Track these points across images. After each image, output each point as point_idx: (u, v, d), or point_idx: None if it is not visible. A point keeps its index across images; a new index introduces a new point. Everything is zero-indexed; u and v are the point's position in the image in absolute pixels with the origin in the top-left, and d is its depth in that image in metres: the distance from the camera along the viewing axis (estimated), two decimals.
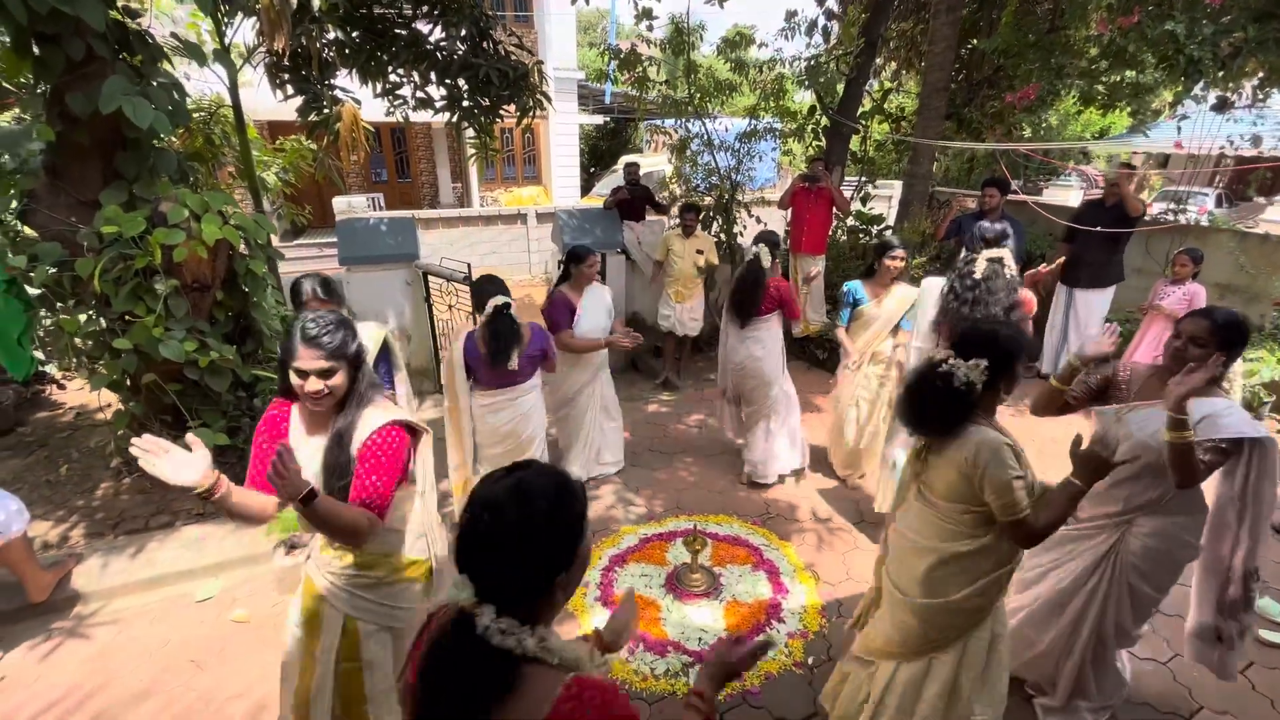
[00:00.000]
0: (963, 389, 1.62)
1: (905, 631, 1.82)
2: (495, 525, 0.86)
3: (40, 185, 2.94)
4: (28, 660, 2.50)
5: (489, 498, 0.89)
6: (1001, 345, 1.64)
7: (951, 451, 1.66)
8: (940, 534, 1.74)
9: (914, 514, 1.82)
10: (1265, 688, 2.41)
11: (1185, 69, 4.04)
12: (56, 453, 3.91)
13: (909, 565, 1.81)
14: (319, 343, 1.48)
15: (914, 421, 1.76)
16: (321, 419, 1.62)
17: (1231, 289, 4.88)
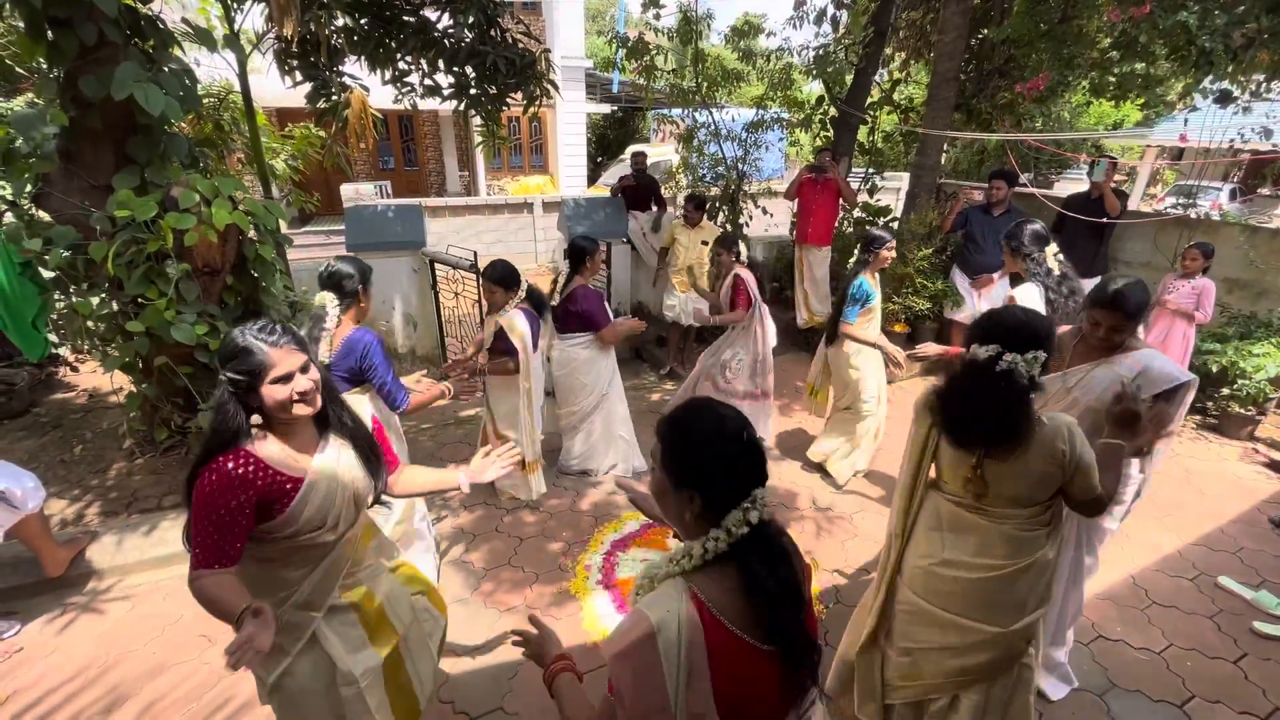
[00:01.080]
0: (1026, 385, 1.46)
1: (994, 660, 1.67)
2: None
3: (54, 169, 2.98)
4: (45, 633, 2.58)
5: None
6: (1045, 330, 1.50)
7: (1032, 451, 1.52)
8: (1022, 547, 1.60)
9: (978, 541, 1.64)
10: (1257, 678, 2.44)
11: (1197, 60, 3.99)
12: (70, 433, 3.98)
13: (988, 597, 1.62)
14: (286, 339, 1.38)
15: (975, 433, 1.54)
16: (304, 436, 1.47)
17: (1240, 284, 4.85)
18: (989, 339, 1.51)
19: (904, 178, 7.90)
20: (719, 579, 0.97)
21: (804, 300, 5.69)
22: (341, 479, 1.48)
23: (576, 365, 3.55)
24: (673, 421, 1.03)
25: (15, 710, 2.24)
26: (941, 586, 1.68)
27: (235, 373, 1.33)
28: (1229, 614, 2.76)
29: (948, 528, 1.68)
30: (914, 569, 1.75)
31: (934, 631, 1.71)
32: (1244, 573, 3.02)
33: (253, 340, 1.34)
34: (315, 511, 1.42)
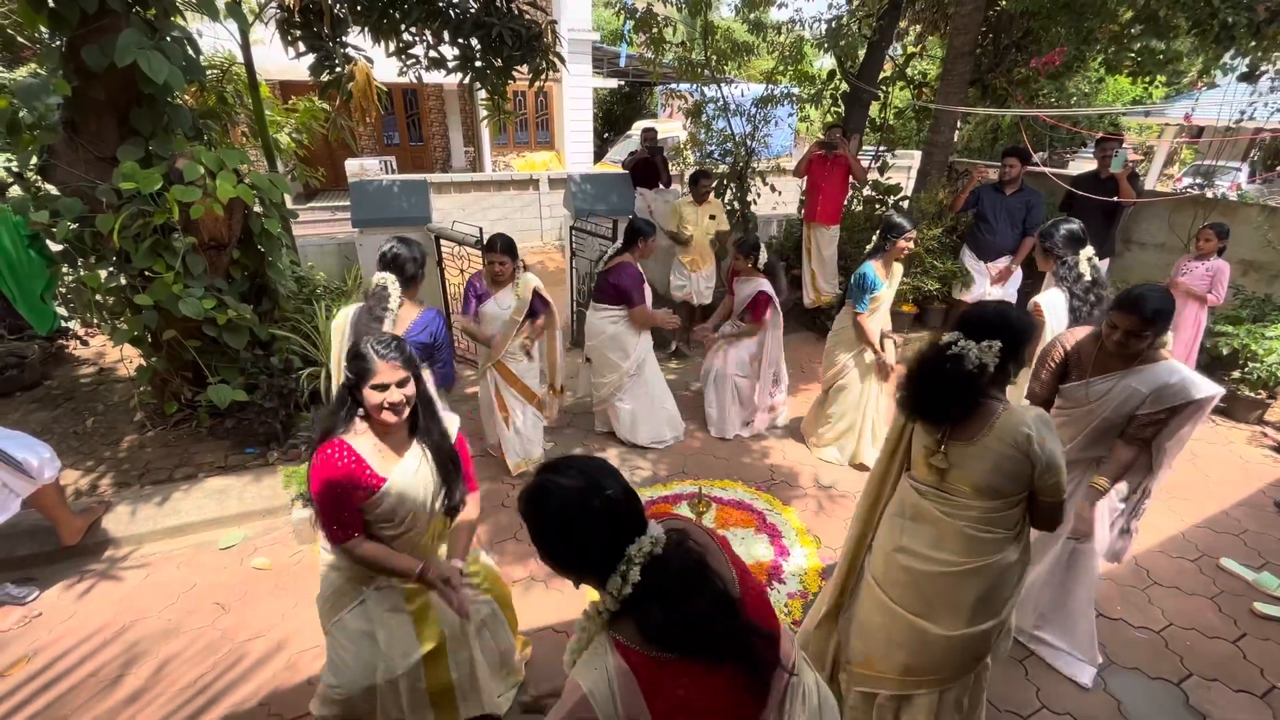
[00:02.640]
0: (975, 371, 1.53)
1: (938, 664, 1.67)
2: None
3: (59, 141, 2.97)
4: (64, 599, 2.64)
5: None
6: (1013, 326, 1.57)
7: (992, 437, 1.54)
8: (978, 547, 1.60)
9: (934, 534, 1.64)
10: (1255, 657, 2.46)
11: (1218, 35, 3.88)
12: (82, 406, 4.03)
13: (946, 596, 1.62)
14: (395, 355, 1.56)
15: (921, 409, 1.63)
16: (397, 438, 1.66)
17: (1256, 265, 4.78)
18: (958, 327, 1.62)
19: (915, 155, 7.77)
20: (633, 624, 0.97)
21: (811, 280, 5.64)
22: (415, 488, 1.65)
23: (604, 338, 3.61)
24: (525, 503, 1.02)
25: (37, 667, 2.31)
26: (895, 576, 1.73)
27: (349, 371, 1.57)
28: (1229, 595, 2.78)
29: (909, 515, 1.73)
30: (876, 552, 1.82)
31: (886, 620, 1.74)
32: (1247, 555, 3.03)
33: (368, 348, 1.56)
34: (385, 511, 1.62)
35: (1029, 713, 2.21)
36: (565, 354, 3.56)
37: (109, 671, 2.31)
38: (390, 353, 1.56)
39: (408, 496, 1.63)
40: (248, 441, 3.53)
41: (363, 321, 2.32)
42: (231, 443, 3.56)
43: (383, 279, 2.37)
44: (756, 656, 1.00)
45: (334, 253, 5.12)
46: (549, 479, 1.01)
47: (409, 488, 1.63)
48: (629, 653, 0.96)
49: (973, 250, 5.09)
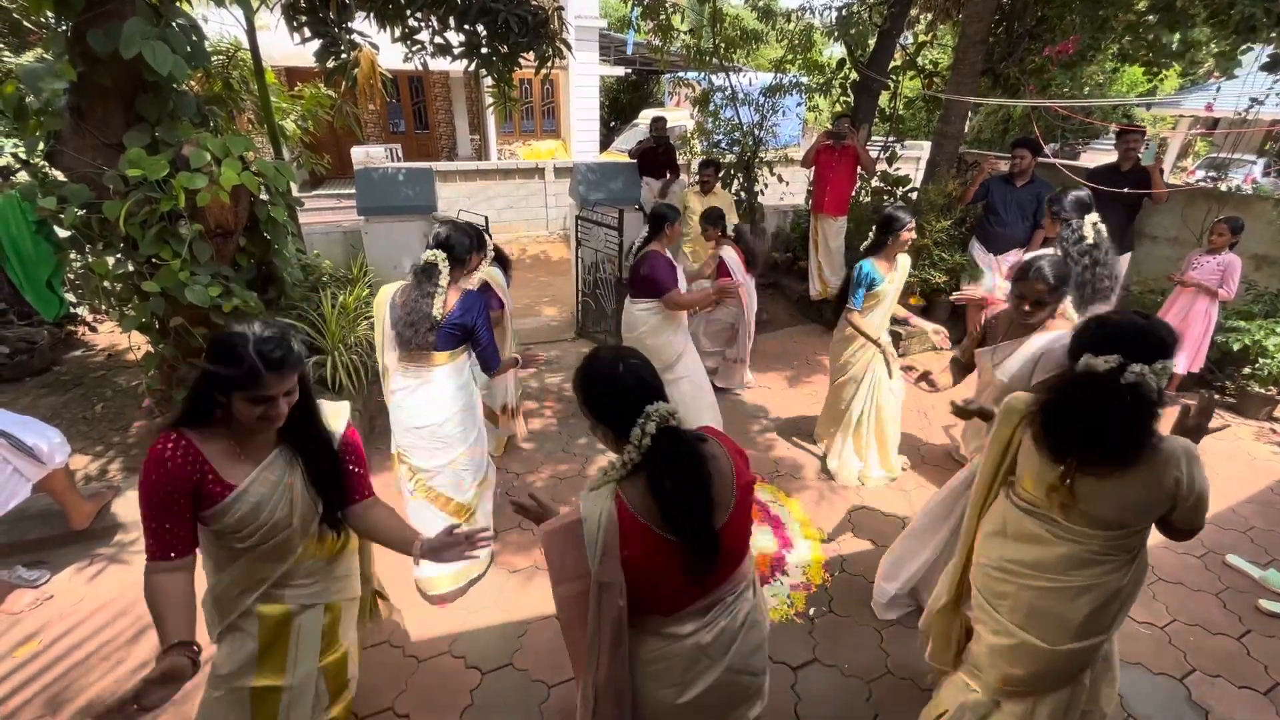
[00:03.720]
0: (1154, 399, 1.30)
1: (1038, 675, 1.59)
2: None
3: (65, 127, 2.96)
4: (75, 581, 2.68)
5: None
6: (1170, 336, 1.36)
7: (1135, 473, 1.37)
8: (1087, 568, 1.48)
9: (1041, 553, 1.53)
10: (1259, 653, 2.46)
11: (1237, 25, 3.80)
12: (91, 391, 4.06)
13: (1053, 612, 1.52)
14: (288, 362, 1.32)
15: (1089, 445, 1.38)
16: (259, 440, 1.43)
17: (1269, 260, 4.72)
18: (1105, 347, 1.34)
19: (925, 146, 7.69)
20: (640, 485, 1.22)
21: (818, 271, 5.61)
22: (276, 500, 1.43)
23: (644, 330, 3.51)
24: (577, 373, 1.32)
25: (48, 646, 2.34)
26: (997, 587, 1.62)
27: (221, 375, 1.28)
28: (1235, 592, 2.77)
29: (1011, 534, 1.59)
30: (976, 565, 1.71)
31: (990, 626, 1.65)
32: (1254, 552, 3.01)
33: (254, 357, 1.27)
34: (234, 523, 1.39)
35: None
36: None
37: (119, 651, 2.35)
38: (285, 360, 1.31)
39: (264, 508, 1.41)
40: None
41: (409, 298, 2.33)
42: None
43: (434, 255, 2.34)
44: (706, 558, 1.24)
45: (340, 241, 5.12)
46: (593, 357, 1.32)
47: (266, 499, 1.41)
48: (623, 507, 1.21)
49: (982, 243, 5.04)
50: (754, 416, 4.10)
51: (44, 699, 2.16)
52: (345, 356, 3.71)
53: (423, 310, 2.29)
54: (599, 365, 1.29)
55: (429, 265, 2.34)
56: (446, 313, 2.34)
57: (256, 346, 1.28)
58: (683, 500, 1.20)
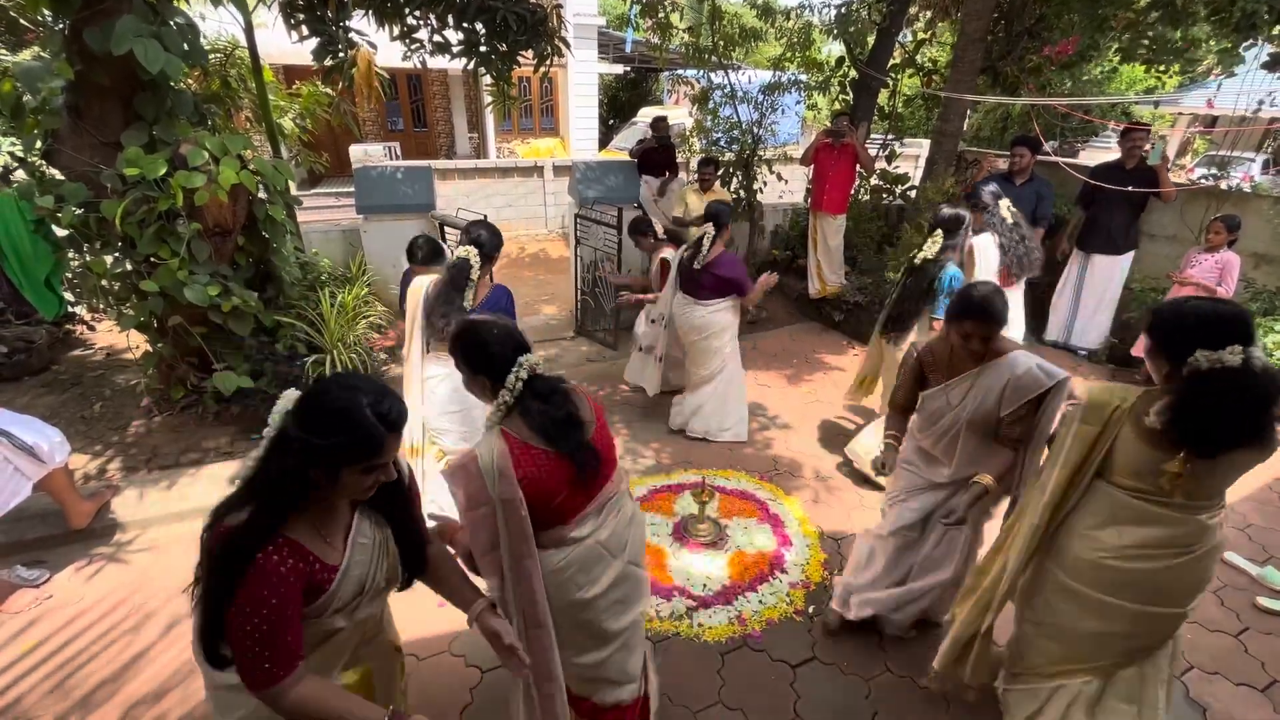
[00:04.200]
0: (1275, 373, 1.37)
1: (1167, 636, 1.70)
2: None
3: (63, 125, 2.96)
4: (74, 581, 2.68)
5: None
6: (1245, 315, 1.44)
7: (1254, 451, 1.42)
8: (1206, 535, 1.56)
9: (1158, 530, 1.57)
10: (1257, 651, 2.46)
11: (1238, 22, 3.80)
12: (89, 391, 4.06)
13: (1170, 582, 1.60)
14: (404, 417, 1.19)
15: (1238, 435, 1.40)
16: (339, 511, 1.27)
17: (1267, 259, 4.72)
18: (1217, 340, 1.38)
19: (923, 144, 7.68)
20: (520, 420, 1.46)
21: (817, 270, 5.61)
22: (374, 563, 1.30)
23: (714, 330, 3.54)
24: (457, 338, 1.52)
25: (48, 646, 2.34)
26: (1118, 578, 1.63)
27: (335, 448, 1.09)
28: (1232, 589, 2.78)
29: (1128, 520, 1.60)
30: (1079, 560, 1.68)
31: (1097, 618, 1.68)
32: (1251, 549, 3.02)
33: (374, 421, 1.10)
34: (340, 602, 1.24)
35: None
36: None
37: (118, 650, 2.35)
38: (400, 419, 1.17)
39: (366, 578, 1.28)
40: (253, 427, 3.55)
41: (441, 291, 2.51)
42: (237, 428, 3.58)
43: (466, 252, 2.50)
44: (590, 466, 1.49)
45: (339, 239, 5.12)
46: (473, 325, 1.52)
47: (365, 567, 1.27)
48: (509, 437, 1.44)
49: None
50: (753, 414, 4.11)
51: (48, 688, 2.16)
52: (344, 355, 3.71)
53: (456, 303, 2.47)
54: (482, 329, 1.50)
55: (461, 261, 2.51)
56: (477, 304, 2.52)
57: (374, 408, 1.11)
58: (560, 419, 1.46)
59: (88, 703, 2.16)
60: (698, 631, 2.48)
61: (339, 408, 1.10)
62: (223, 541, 1.11)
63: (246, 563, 1.09)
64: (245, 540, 1.10)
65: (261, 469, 1.15)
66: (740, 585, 2.72)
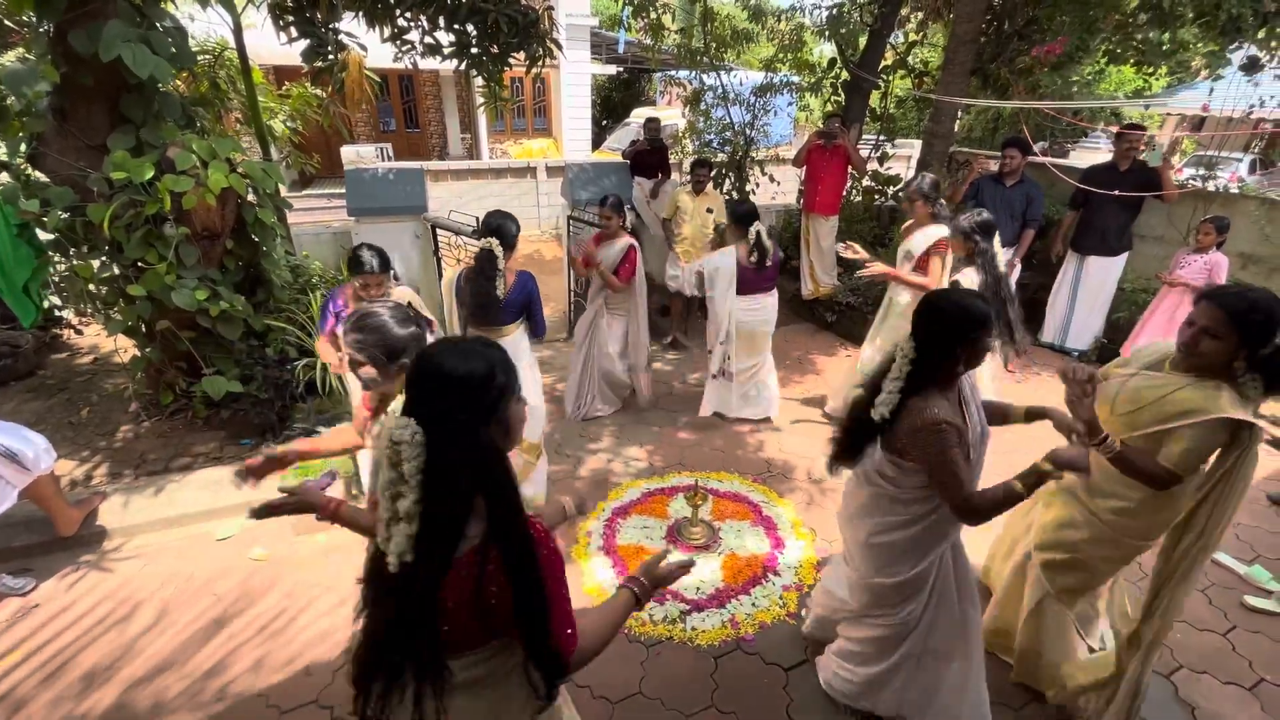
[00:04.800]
0: None
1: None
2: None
3: (48, 128, 2.93)
4: (59, 589, 2.65)
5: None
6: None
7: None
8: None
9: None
10: (1245, 650, 2.48)
11: (1224, 26, 3.84)
12: (76, 396, 4.01)
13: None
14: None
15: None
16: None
17: (1255, 259, 4.77)
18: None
19: (915, 145, 7.71)
20: None
21: (810, 271, 5.62)
22: None
23: (771, 317, 3.85)
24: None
25: (34, 655, 2.32)
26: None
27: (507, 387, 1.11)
28: (1221, 588, 2.80)
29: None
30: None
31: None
32: (1239, 548, 3.05)
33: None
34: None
35: (1019, 705, 2.23)
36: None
37: (105, 660, 2.32)
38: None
39: None
40: (243, 432, 3.52)
41: (474, 282, 2.73)
42: (227, 434, 3.55)
43: (489, 243, 2.70)
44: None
45: (329, 242, 5.09)
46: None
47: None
48: None
49: None
50: (744, 417, 4.11)
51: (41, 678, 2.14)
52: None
53: (489, 291, 2.72)
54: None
55: (487, 252, 2.71)
56: (508, 291, 2.77)
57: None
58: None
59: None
60: (691, 635, 2.48)
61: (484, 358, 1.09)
62: (533, 527, 1.09)
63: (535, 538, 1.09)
64: (523, 516, 1.09)
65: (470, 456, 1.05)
66: (733, 588, 2.72)
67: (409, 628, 1.02)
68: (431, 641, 1.04)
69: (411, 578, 1.01)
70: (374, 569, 1.09)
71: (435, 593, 1.02)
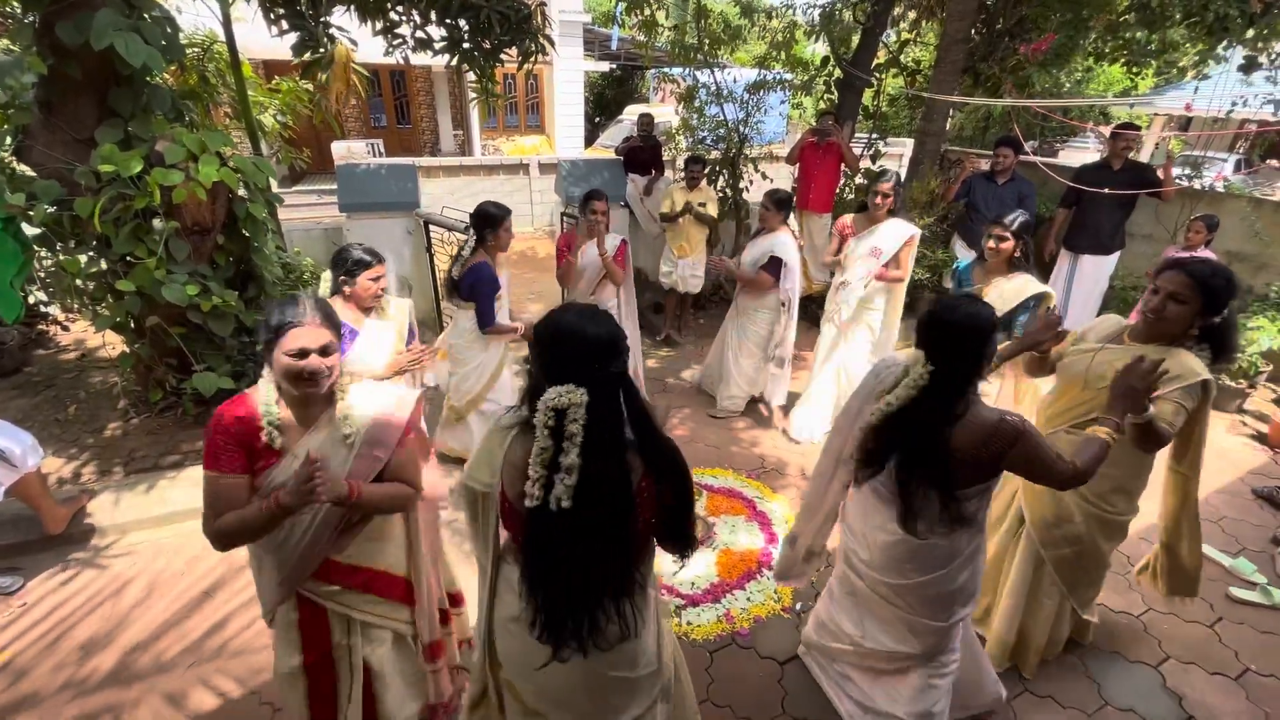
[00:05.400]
0: None
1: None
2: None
3: (34, 121, 2.88)
4: (48, 587, 2.62)
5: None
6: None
7: None
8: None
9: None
10: (1230, 640, 2.52)
11: (1212, 26, 3.88)
12: (64, 393, 3.96)
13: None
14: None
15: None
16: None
17: (1241, 257, 4.83)
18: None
19: (907, 144, 7.75)
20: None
21: (803, 268, 5.63)
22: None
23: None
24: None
25: (21, 655, 2.29)
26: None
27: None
28: (1206, 580, 2.81)
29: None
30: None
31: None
32: (1224, 541, 3.10)
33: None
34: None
35: (1012, 696, 2.26)
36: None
37: (96, 660, 2.30)
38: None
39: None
40: None
41: (452, 262, 3.16)
42: None
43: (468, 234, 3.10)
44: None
45: (320, 238, 5.05)
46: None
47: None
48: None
49: (964, 240, 5.11)
50: (741, 413, 4.12)
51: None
52: None
53: (450, 269, 3.13)
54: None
55: (464, 242, 3.09)
56: (462, 273, 3.04)
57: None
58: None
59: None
60: (686, 630, 2.49)
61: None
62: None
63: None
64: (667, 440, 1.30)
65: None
66: (728, 583, 2.73)
67: (612, 559, 1.20)
68: (629, 561, 1.24)
69: (609, 517, 1.18)
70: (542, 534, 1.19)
71: (630, 523, 1.20)
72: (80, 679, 2.22)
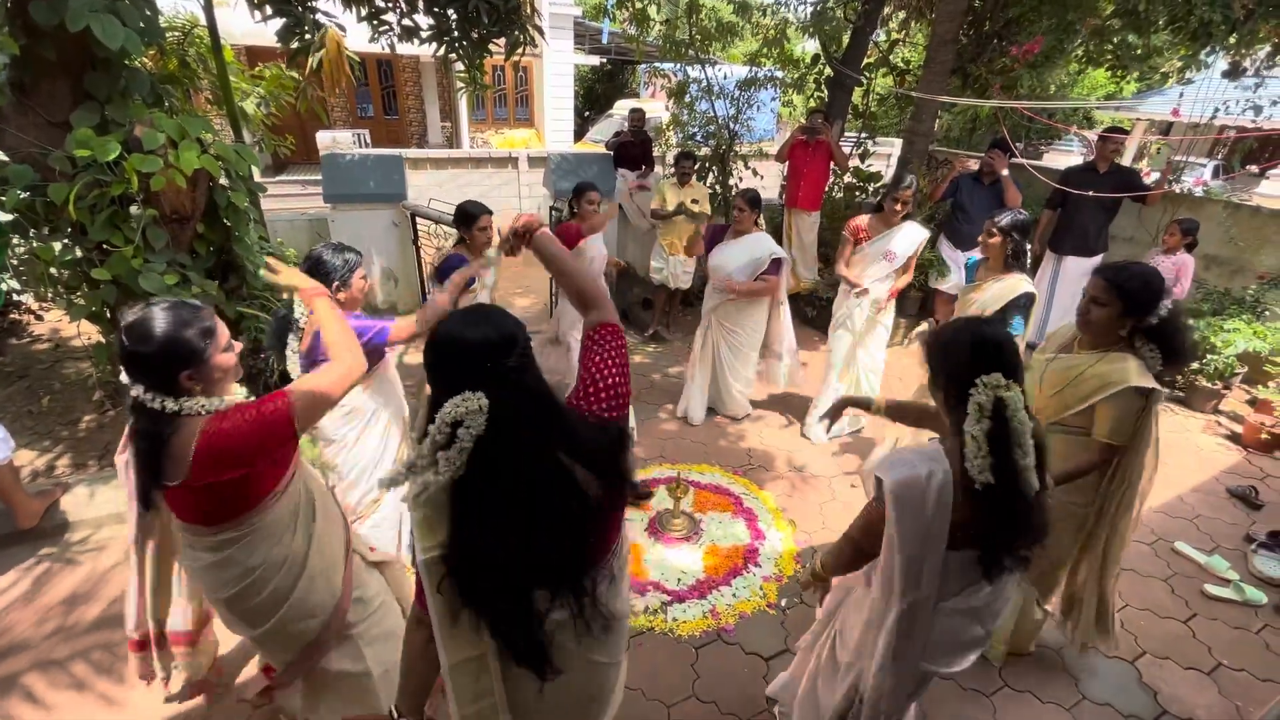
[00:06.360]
0: None
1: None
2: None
3: (7, 103, 2.79)
4: (21, 582, 2.56)
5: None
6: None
7: None
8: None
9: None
10: (1205, 636, 2.58)
11: (1195, 31, 3.94)
12: (37, 383, 3.87)
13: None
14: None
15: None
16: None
17: (1218, 260, 4.93)
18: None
19: (895, 143, 7.79)
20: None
21: (791, 266, 5.65)
22: None
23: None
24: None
25: None
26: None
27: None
28: (1182, 577, 2.90)
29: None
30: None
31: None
32: (1199, 539, 3.16)
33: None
34: None
35: (991, 690, 2.29)
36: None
37: (72, 660, 2.25)
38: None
39: None
40: None
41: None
42: None
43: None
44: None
45: (305, 228, 4.97)
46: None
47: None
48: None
49: (950, 240, 5.15)
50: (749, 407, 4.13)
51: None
52: None
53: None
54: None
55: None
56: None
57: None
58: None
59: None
60: (672, 626, 2.49)
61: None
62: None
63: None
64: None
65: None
66: (714, 579, 2.74)
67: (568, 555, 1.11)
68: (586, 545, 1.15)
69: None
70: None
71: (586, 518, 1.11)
72: (69, 625, 2.32)
